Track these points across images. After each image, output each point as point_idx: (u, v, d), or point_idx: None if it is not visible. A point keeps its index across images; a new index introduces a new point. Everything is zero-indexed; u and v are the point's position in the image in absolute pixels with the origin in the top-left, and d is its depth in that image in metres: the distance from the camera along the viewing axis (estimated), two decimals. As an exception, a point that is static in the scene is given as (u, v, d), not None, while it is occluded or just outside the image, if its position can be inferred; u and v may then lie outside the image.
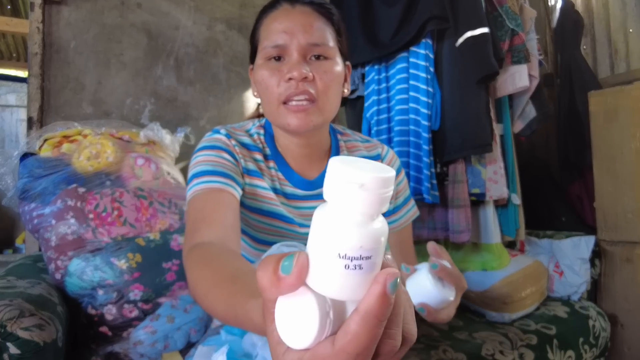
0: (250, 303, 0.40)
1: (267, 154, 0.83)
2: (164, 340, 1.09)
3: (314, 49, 0.73)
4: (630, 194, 1.60)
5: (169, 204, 1.24)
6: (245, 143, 0.82)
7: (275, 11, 0.76)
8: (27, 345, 0.75)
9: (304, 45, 0.72)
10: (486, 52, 1.41)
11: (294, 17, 0.74)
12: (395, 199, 0.88)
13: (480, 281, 1.53)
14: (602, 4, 2.40)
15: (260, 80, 0.75)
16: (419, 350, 1.19)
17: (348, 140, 0.90)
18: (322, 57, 0.74)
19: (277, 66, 0.73)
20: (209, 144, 0.78)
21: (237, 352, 0.64)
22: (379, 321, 0.26)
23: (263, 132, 0.85)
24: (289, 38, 0.72)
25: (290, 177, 0.82)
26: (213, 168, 0.72)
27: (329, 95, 0.74)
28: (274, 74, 0.73)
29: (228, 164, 0.74)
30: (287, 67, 0.72)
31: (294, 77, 0.71)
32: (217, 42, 1.79)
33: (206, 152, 0.76)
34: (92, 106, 1.56)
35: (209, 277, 0.52)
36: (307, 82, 0.71)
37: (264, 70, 0.74)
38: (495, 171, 1.53)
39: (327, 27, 0.76)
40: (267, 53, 0.74)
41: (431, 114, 1.50)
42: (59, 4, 1.51)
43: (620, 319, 1.60)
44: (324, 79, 0.73)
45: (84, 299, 1.09)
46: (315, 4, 0.76)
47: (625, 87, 1.65)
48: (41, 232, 1.13)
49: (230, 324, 0.53)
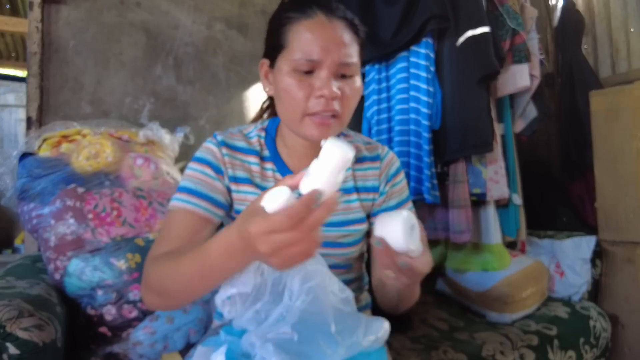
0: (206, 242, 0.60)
1: (264, 156, 0.84)
2: (164, 340, 1.09)
3: (344, 68, 0.74)
4: (631, 193, 1.60)
5: (169, 204, 1.23)
6: (240, 147, 0.83)
7: (310, 20, 0.74)
8: (27, 346, 0.75)
9: (337, 63, 0.73)
10: (487, 52, 1.41)
11: (330, 32, 0.73)
12: (388, 200, 0.88)
13: (481, 281, 1.53)
14: (603, 4, 2.40)
15: (287, 87, 0.74)
16: (420, 351, 1.19)
17: (351, 142, 0.91)
18: (347, 75, 0.75)
19: (306, 79, 0.73)
20: (200, 155, 0.81)
21: (236, 352, 0.64)
22: (301, 215, 0.49)
23: (264, 135, 0.86)
24: (324, 55, 0.72)
25: None
26: (195, 187, 0.78)
27: (350, 111, 0.78)
28: (302, 88, 0.73)
29: (210, 182, 0.79)
30: (319, 83, 0.72)
31: (325, 95, 0.72)
32: (217, 41, 1.79)
33: (195, 165, 0.80)
34: (91, 106, 1.55)
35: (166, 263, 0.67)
36: (335, 99, 0.73)
37: (291, 79, 0.74)
38: (496, 171, 1.53)
39: (356, 44, 0.77)
40: (299, 65, 0.73)
41: (432, 113, 1.49)
42: (58, 4, 1.50)
43: (621, 320, 1.60)
44: (349, 96, 0.75)
45: (83, 299, 1.08)
46: (347, 20, 0.77)
47: (627, 87, 1.64)
48: (40, 232, 1.12)
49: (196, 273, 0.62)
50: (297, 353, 0.54)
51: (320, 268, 0.62)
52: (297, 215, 0.49)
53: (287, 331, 0.56)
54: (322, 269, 0.63)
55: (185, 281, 0.64)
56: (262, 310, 0.63)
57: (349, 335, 0.57)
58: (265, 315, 0.63)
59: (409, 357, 1.15)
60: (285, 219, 0.49)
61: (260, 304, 0.63)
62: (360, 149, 0.90)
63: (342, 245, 0.84)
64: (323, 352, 0.54)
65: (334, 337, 0.56)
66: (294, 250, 0.50)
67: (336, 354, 0.54)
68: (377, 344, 0.61)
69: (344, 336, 0.56)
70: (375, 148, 0.91)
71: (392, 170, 0.90)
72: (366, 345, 0.59)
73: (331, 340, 0.56)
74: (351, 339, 0.57)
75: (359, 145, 0.90)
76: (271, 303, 0.63)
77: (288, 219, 0.49)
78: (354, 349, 0.57)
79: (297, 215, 0.49)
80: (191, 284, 0.64)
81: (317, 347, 0.55)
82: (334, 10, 0.75)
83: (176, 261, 0.64)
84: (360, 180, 0.87)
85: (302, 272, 0.61)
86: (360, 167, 0.88)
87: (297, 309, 0.57)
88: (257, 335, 0.59)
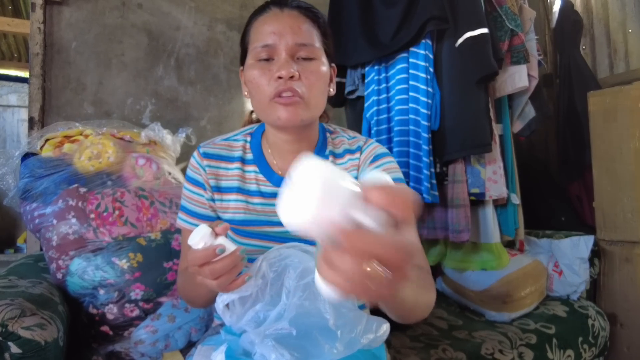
0: None
1: (247, 159, 0.87)
2: (165, 339, 1.10)
3: (301, 49, 0.77)
4: (629, 193, 1.60)
5: (170, 204, 1.24)
6: (222, 156, 0.87)
7: (265, 15, 0.80)
8: (29, 345, 0.76)
9: (291, 45, 0.77)
10: (486, 53, 1.41)
11: (282, 20, 0.78)
12: None
13: (480, 281, 1.54)
14: (601, 4, 2.41)
15: (251, 79, 0.79)
16: (419, 350, 1.20)
17: (336, 137, 0.92)
18: (308, 58, 0.78)
19: (267, 66, 0.78)
20: (188, 173, 0.88)
21: (236, 351, 0.64)
22: (201, 261, 0.62)
23: (250, 139, 0.90)
24: (278, 39, 0.76)
25: (271, 177, 0.86)
26: (189, 206, 0.87)
27: (315, 93, 0.79)
28: (264, 74, 0.77)
29: (198, 200, 0.86)
30: (277, 66, 0.76)
31: (282, 75, 0.75)
32: (218, 42, 1.80)
33: (186, 184, 0.87)
34: (93, 106, 1.56)
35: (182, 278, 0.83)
36: (294, 80, 0.76)
37: (254, 70, 0.78)
38: (495, 171, 1.54)
39: (314, 29, 0.81)
40: (257, 53, 0.78)
41: (431, 114, 1.50)
42: (60, 5, 1.51)
43: (619, 319, 1.61)
44: (310, 78, 0.77)
45: (85, 298, 1.09)
46: (302, 8, 0.81)
47: (625, 87, 1.65)
48: (42, 231, 1.13)
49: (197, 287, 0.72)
50: (295, 347, 0.54)
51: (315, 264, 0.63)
52: (200, 260, 0.61)
53: (286, 327, 0.57)
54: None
55: (190, 290, 0.79)
56: (261, 311, 0.64)
57: (347, 330, 0.57)
58: (264, 316, 0.63)
59: (408, 356, 1.16)
60: (195, 259, 0.61)
61: (259, 305, 0.64)
62: (343, 143, 0.91)
63: None
64: (321, 346, 0.55)
65: (333, 331, 0.56)
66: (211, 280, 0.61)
67: (334, 348, 0.55)
68: (375, 343, 0.61)
69: (343, 331, 0.57)
70: (357, 141, 0.91)
71: (372, 157, 0.88)
72: (365, 343, 0.59)
73: (329, 335, 0.56)
74: (350, 335, 0.57)
75: (342, 140, 0.91)
76: (270, 304, 0.63)
77: (197, 259, 0.61)
78: (353, 346, 0.58)
79: (200, 260, 0.61)
80: (195, 293, 0.78)
81: (315, 341, 0.55)
82: (288, 2, 0.81)
83: (186, 276, 0.80)
84: None
85: (299, 269, 0.62)
86: (341, 161, 0.89)
87: (294, 305, 0.58)
88: (256, 334, 0.59)
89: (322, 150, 0.88)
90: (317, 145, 0.88)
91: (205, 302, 0.80)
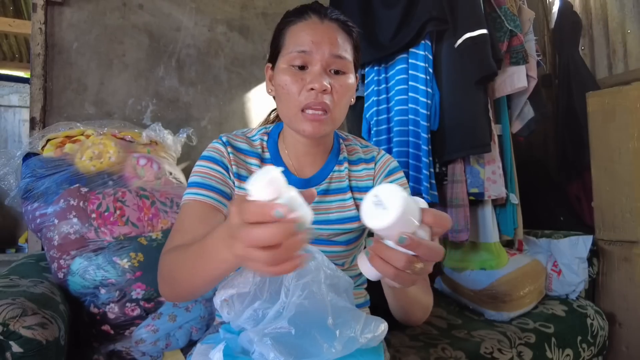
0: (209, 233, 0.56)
1: (265, 158, 0.88)
2: (166, 338, 1.10)
3: (335, 61, 0.79)
4: (628, 193, 1.61)
5: (171, 204, 1.25)
6: (242, 149, 0.87)
7: (304, 22, 0.81)
8: (30, 344, 0.76)
9: (327, 56, 0.78)
10: (485, 53, 1.42)
11: (321, 30, 0.79)
12: None
13: (479, 280, 1.54)
14: (600, 5, 2.41)
15: (282, 84, 0.80)
16: (418, 349, 1.21)
17: (349, 145, 0.95)
18: (340, 71, 0.80)
19: (299, 74, 0.79)
20: (207, 154, 0.85)
21: (234, 349, 0.65)
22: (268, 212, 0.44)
23: (267, 138, 0.90)
24: (315, 48, 0.78)
25: (287, 178, 0.84)
26: (203, 180, 0.81)
27: (341, 107, 0.81)
28: (296, 82, 0.78)
29: (218, 176, 0.82)
30: (310, 77, 0.77)
31: (315, 88, 0.76)
32: (218, 43, 1.81)
33: (203, 162, 0.84)
34: (94, 107, 1.57)
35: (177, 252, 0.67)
36: (325, 93, 0.77)
37: (286, 76, 0.79)
38: (494, 171, 1.54)
39: (348, 43, 0.82)
40: (292, 58, 0.79)
41: (430, 114, 1.51)
42: (61, 5, 1.52)
43: (618, 318, 1.61)
44: (340, 92, 0.79)
45: (87, 297, 1.10)
46: (340, 21, 0.83)
47: (623, 88, 1.66)
48: (44, 231, 1.14)
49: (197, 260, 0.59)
50: (294, 347, 0.55)
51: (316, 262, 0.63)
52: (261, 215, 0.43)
53: (284, 326, 0.57)
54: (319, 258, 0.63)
55: (188, 267, 0.61)
56: (259, 309, 0.64)
57: (346, 329, 0.58)
58: (263, 314, 0.63)
59: (407, 355, 1.16)
60: (255, 213, 0.43)
61: (258, 302, 0.64)
62: (357, 151, 0.94)
63: (336, 243, 0.86)
64: (320, 345, 0.55)
65: (332, 330, 0.57)
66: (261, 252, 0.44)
67: (333, 348, 0.55)
68: (373, 343, 0.61)
69: (342, 330, 0.57)
70: (370, 151, 0.95)
71: (387, 170, 0.92)
72: (363, 343, 0.59)
73: (328, 334, 0.57)
74: (348, 334, 0.58)
75: (355, 148, 0.94)
76: (268, 302, 0.64)
77: (257, 213, 0.43)
78: (351, 346, 0.58)
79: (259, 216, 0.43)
80: (192, 271, 0.61)
81: (314, 340, 0.56)
82: (328, 13, 0.82)
83: (186, 247, 0.64)
84: (354, 180, 0.90)
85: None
86: (356, 168, 0.91)
87: (293, 304, 0.58)
88: (255, 332, 0.59)
89: (336, 156, 0.90)
90: (332, 151, 0.91)
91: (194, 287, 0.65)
